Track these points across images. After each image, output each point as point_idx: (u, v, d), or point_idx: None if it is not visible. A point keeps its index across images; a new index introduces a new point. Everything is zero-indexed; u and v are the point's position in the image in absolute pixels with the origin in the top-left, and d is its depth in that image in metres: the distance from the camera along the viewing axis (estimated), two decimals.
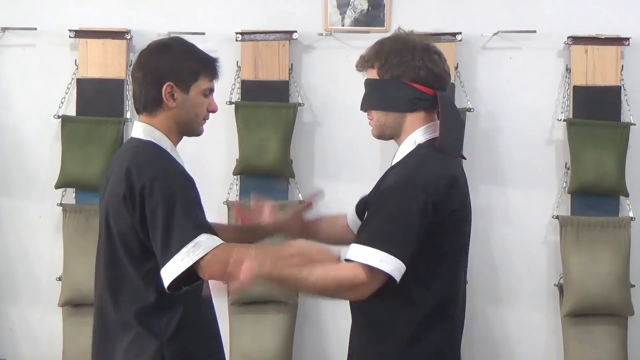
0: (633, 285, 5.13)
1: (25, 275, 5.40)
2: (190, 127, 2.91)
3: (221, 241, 2.69)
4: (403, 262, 2.59)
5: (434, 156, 2.74)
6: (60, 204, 5.26)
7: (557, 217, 5.18)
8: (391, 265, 2.58)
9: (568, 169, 5.20)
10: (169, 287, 2.66)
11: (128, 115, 5.31)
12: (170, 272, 2.65)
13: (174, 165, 2.80)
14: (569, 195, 5.24)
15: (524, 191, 5.29)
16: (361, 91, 5.11)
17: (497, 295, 5.29)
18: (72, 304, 5.20)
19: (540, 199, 5.28)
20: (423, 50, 2.79)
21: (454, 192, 2.71)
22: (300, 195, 5.12)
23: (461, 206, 2.75)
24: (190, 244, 2.65)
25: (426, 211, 2.62)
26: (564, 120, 5.20)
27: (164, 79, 2.83)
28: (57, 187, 5.23)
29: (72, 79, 5.29)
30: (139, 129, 2.89)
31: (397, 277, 2.59)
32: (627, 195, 5.15)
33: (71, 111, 5.30)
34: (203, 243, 2.65)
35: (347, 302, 3.26)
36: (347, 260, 2.62)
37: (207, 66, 2.89)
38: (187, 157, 3.48)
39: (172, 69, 2.84)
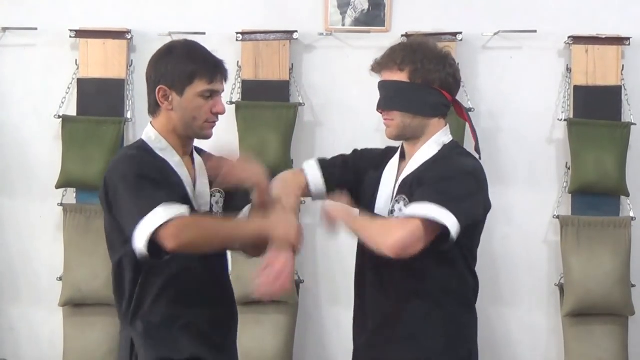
0: (634, 285, 5.13)
1: (26, 275, 5.41)
2: (190, 129, 2.91)
3: (181, 212, 2.70)
4: (460, 224, 2.69)
5: (472, 156, 2.94)
6: (61, 204, 5.25)
7: (557, 217, 5.17)
8: (450, 222, 2.68)
9: (569, 168, 5.20)
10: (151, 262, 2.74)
11: (128, 115, 5.32)
12: (138, 242, 2.68)
13: (139, 156, 2.86)
14: (570, 195, 5.23)
15: (524, 191, 5.29)
16: (362, 91, 5.23)
17: (498, 294, 5.29)
18: (72, 304, 5.21)
19: (541, 199, 5.27)
20: (450, 59, 2.93)
21: (487, 190, 2.91)
22: None
23: (489, 204, 2.94)
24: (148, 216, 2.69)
25: (484, 201, 2.86)
26: (565, 120, 5.20)
27: (158, 82, 2.86)
28: (57, 187, 5.23)
29: (73, 79, 5.29)
30: (145, 130, 2.95)
31: (454, 234, 2.68)
32: (627, 195, 5.15)
33: (72, 111, 5.30)
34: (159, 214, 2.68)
35: (343, 300, 3.29)
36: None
37: (205, 68, 2.88)
38: None
39: (166, 72, 2.85)
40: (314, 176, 3.09)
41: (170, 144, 2.90)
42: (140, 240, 2.65)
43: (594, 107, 5.23)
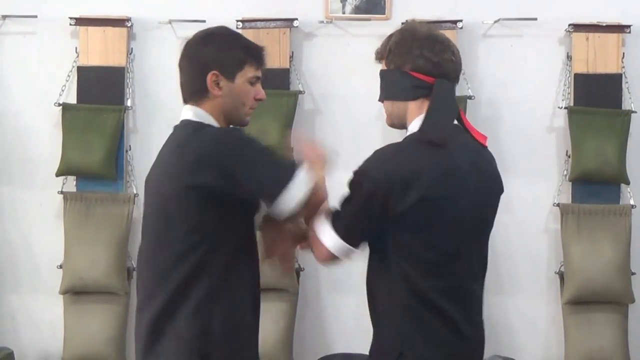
0: (634, 273, 5.14)
1: (26, 263, 5.43)
2: (236, 115, 2.90)
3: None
4: (348, 243, 2.78)
5: (408, 145, 2.81)
6: (61, 192, 5.28)
7: (557, 205, 5.18)
8: (335, 244, 2.78)
9: (569, 156, 5.21)
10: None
11: (128, 103, 5.34)
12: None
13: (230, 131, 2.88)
14: (570, 183, 5.24)
15: (524, 179, 5.29)
16: (362, 79, 5.27)
17: (498, 283, 5.28)
18: (73, 292, 5.24)
19: (541, 187, 5.28)
20: (423, 39, 2.83)
21: (413, 186, 2.69)
22: None
23: (424, 199, 2.71)
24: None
25: (374, 202, 2.72)
26: (565, 108, 5.20)
27: (209, 67, 2.81)
28: (57, 174, 5.26)
29: (73, 66, 5.30)
30: (189, 112, 2.88)
31: (340, 255, 2.81)
32: (628, 182, 5.16)
33: (72, 99, 5.31)
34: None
35: (342, 287, 3.32)
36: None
37: (252, 54, 2.88)
38: None
39: (217, 57, 2.83)
40: None
41: None
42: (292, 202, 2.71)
43: (594, 95, 5.24)
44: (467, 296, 2.83)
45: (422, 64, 2.81)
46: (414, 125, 2.83)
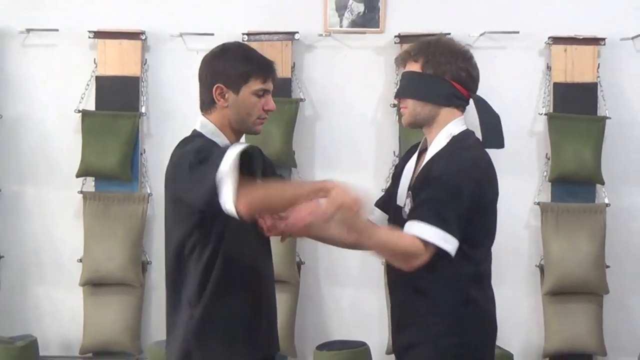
0: (608, 266, 5.15)
1: (49, 257, 5.43)
2: (244, 125, 2.90)
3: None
4: (457, 239, 2.75)
5: (474, 147, 2.88)
6: (81, 192, 5.27)
7: (538, 204, 5.18)
8: (452, 244, 2.74)
9: (548, 159, 5.20)
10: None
11: (143, 110, 5.34)
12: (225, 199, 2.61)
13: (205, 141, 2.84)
14: (550, 183, 5.25)
15: (507, 179, 5.21)
16: (358, 87, 5.22)
17: None
18: (91, 284, 5.25)
19: (523, 187, 5.28)
20: (465, 55, 2.91)
21: (493, 177, 2.87)
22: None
23: (496, 190, 2.90)
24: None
25: (474, 195, 2.77)
26: (545, 114, 5.21)
27: (215, 81, 2.83)
28: (77, 176, 5.26)
29: (91, 76, 5.31)
30: (198, 122, 2.91)
31: (453, 253, 2.75)
32: (602, 183, 5.16)
33: (90, 106, 5.31)
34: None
35: (341, 280, 3.32)
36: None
37: (259, 68, 2.87)
38: None
39: (223, 71, 2.83)
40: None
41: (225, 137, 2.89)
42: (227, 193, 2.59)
43: (572, 102, 5.25)
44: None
45: (463, 77, 2.87)
46: (451, 129, 2.88)
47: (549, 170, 5.18)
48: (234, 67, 2.84)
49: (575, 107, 5.22)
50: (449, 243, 2.74)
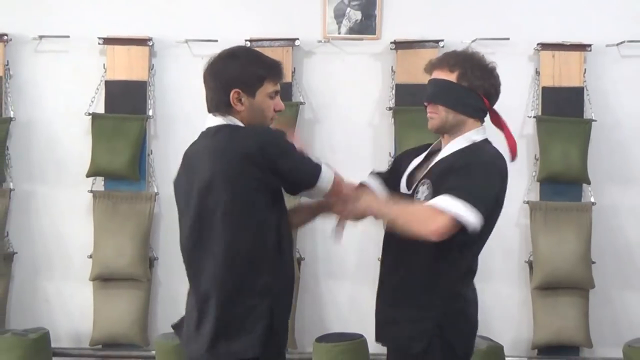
0: (594, 262, 5.14)
1: (60, 254, 5.42)
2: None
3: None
4: (481, 216, 2.78)
5: (495, 151, 2.98)
6: (91, 191, 5.26)
7: (527, 202, 5.18)
8: (474, 217, 2.76)
9: (537, 159, 5.20)
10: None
11: (150, 112, 5.32)
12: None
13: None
14: (538, 183, 5.24)
15: None
16: (355, 91, 5.19)
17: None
18: (101, 279, 5.24)
19: (513, 186, 5.22)
20: (494, 72, 3.02)
21: (507, 178, 2.96)
22: None
23: (505, 191, 2.98)
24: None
25: (497, 187, 2.89)
26: (534, 117, 5.20)
27: (232, 86, 2.80)
28: (87, 175, 5.24)
29: (101, 80, 5.29)
30: (216, 119, 2.85)
31: (474, 227, 2.77)
32: (589, 183, 5.15)
33: (100, 109, 5.29)
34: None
35: (339, 275, 3.34)
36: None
37: (271, 71, 2.86)
38: None
39: (239, 76, 2.81)
40: (376, 186, 3.18)
41: None
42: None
43: (559, 105, 5.23)
44: None
45: (492, 93, 3.00)
46: (472, 136, 2.96)
47: (537, 171, 5.18)
48: (249, 72, 2.82)
49: (562, 110, 5.21)
50: (470, 215, 2.74)
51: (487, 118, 3.20)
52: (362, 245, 5.02)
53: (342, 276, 5.31)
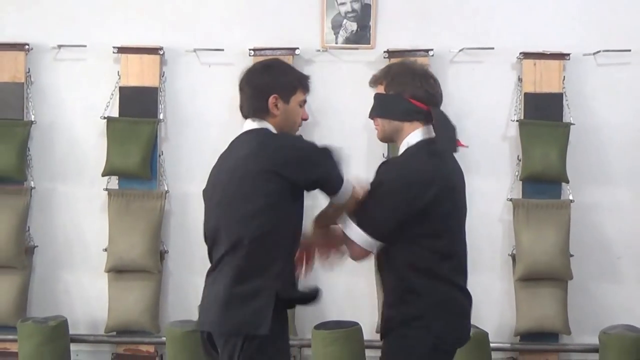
0: (572, 255, 5.15)
1: (78, 247, 5.42)
2: (288, 131, 2.93)
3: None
4: (376, 239, 2.83)
5: (415, 164, 2.86)
6: (106, 189, 5.27)
7: (510, 200, 5.20)
8: (370, 244, 2.86)
9: (520, 160, 5.22)
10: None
11: (161, 116, 5.31)
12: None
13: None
14: (521, 182, 5.25)
15: (483, 178, 5.25)
16: (351, 96, 5.27)
17: None
18: (115, 270, 5.24)
19: (497, 185, 5.30)
20: (422, 75, 2.93)
21: (433, 184, 2.81)
22: None
23: (441, 193, 2.83)
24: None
25: (407, 200, 2.79)
26: (517, 120, 5.21)
27: (270, 92, 2.84)
28: (103, 175, 5.25)
29: (115, 86, 5.30)
30: (253, 124, 2.88)
31: (370, 249, 2.87)
32: (567, 182, 5.16)
33: (114, 113, 5.30)
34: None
35: (341, 268, 3.37)
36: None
37: (302, 81, 2.92)
38: (212, 149, 3.50)
39: (277, 84, 2.85)
40: None
41: None
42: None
43: (540, 110, 5.24)
44: (464, 269, 3.01)
45: (421, 94, 2.88)
46: (408, 140, 2.90)
47: (520, 170, 5.21)
48: (285, 80, 2.87)
49: (543, 114, 5.22)
50: (368, 243, 2.85)
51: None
52: None
53: (338, 269, 5.21)
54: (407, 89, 2.89)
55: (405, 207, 2.79)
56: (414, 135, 2.91)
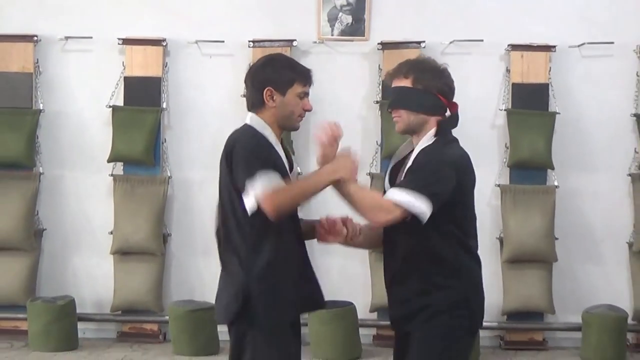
0: (557, 238, 5.22)
1: (85, 231, 5.49)
2: (288, 122, 2.93)
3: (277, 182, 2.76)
4: (431, 205, 2.73)
5: (455, 151, 2.92)
6: (112, 175, 5.32)
7: (498, 186, 5.28)
8: (423, 207, 2.73)
9: (507, 148, 5.29)
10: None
11: (164, 105, 5.37)
12: (249, 200, 2.75)
13: (259, 139, 2.85)
14: (508, 168, 5.32)
15: (473, 165, 5.29)
16: (346, 86, 5.28)
17: None
18: (120, 252, 5.32)
19: (486, 172, 5.28)
20: (445, 72, 2.96)
21: (468, 168, 2.92)
22: (298, 168, 5.06)
23: (472, 177, 2.95)
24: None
25: (452, 179, 2.80)
26: (505, 110, 5.28)
27: (265, 84, 2.86)
28: (109, 161, 5.31)
29: (120, 77, 5.35)
30: (248, 117, 2.91)
31: (424, 216, 2.74)
32: (553, 168, 5.23)
33: (119, 102, 5.36)
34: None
35: (336, 251, 3.33)
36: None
37: (300, 75, 2.92)
38: (212, 137, 3.41)
39: (272, 77, 2.87)
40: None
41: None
42: (251, 197, 2.73)
43: (527, 100, 5.31)
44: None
45: (446, 90, 2.92)
46: (432, 131, 2.90)
47: (507, 158, 5.28)
48: (281, 74, 2.88)
49: (530, 104, 5.29)
50: (419, 205, 2.73)
51: None
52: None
53: (334, 252, 5.20)
54: (437, 86, 2.91)
55: (455, 182, 2.83)
56: (433, 127, 2.93)
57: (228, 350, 2.93)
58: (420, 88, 2.90)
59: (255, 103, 2.91)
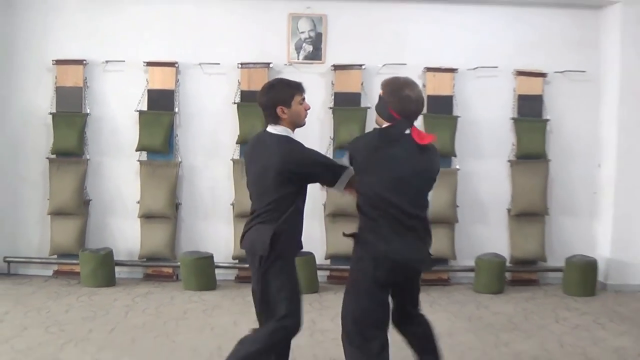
0: (458, 206, 5.74)
1: (119, 201, 5.95)
2: (298, 123, 3.17)
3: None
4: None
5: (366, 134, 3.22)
6: (138, 160, 5.83)
7: (509, 161, 5.83)
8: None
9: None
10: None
11: (176, 110, 5.75)
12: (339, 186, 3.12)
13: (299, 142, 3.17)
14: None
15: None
16: (309, 97, 5.37)
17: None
18: (145, 217, 5.79)
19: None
20: (401, 92, 3.07)
21: (367, 149, 3.07)
22: None
23: (366, 157, 3.09)
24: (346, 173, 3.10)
25: (352, 159, 3.11)
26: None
27: (277, 104, 3.10)
28: (136, 150, 5.79)
29: (145, 89, 5.83)
30: (274, 129, 3.11)
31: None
32: (455, 156, 5.75)
33: (144, 108, 5.82)
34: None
35: (315, 216, 3.98)
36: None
37: (296, 88, 3.14)
38: (211, 133, 4.32)
39: (280, 97, 3.10)
40: None
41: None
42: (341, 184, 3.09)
43: (438, 107, 5.70)
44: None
45: (396, 104, 3.05)
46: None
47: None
48: (284, 93, 3.11)
49: (440, 110, 5.71)
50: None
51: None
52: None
53: (316, 216, 5.59)
54: (390, 100, 3.05)
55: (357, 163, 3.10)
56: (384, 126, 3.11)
57: (245, 278, 3.34)
58: (384, 98, 3.09)
59: (274, 119, 3.10)
